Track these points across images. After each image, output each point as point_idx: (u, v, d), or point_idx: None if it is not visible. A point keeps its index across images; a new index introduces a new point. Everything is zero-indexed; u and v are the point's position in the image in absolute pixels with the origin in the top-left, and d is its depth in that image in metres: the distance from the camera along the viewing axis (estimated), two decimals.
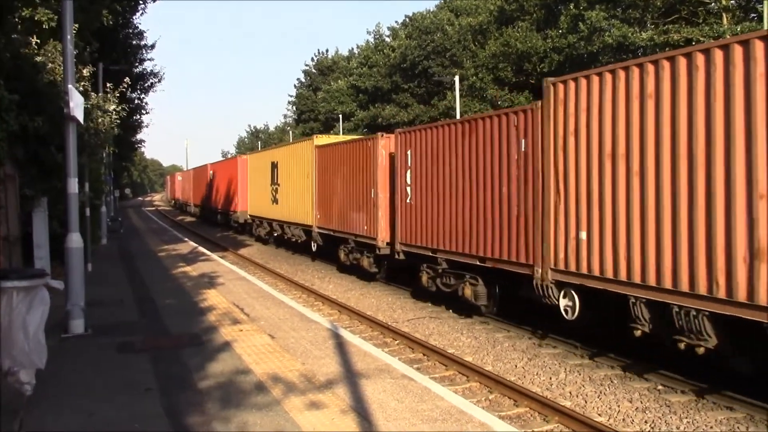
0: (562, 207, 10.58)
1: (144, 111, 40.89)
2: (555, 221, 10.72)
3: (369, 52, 62.99)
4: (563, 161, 10.55)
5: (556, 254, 10.70)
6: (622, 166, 9.39)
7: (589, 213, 10.04)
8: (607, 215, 9.67)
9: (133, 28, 32.10)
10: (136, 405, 7.04)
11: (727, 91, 7.92)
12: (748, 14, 29.15)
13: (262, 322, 11.51)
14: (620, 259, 9.41)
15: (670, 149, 8.65)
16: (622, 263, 9.39)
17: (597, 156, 9.86)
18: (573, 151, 10.35)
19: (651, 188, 8.95)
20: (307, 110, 76.21)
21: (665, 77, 8.73)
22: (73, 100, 10.26)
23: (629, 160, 9.28)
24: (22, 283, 6.63)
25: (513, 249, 11.86)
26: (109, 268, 19.58)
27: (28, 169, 13.76)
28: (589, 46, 31.66)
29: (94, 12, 14.73)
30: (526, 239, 11.49)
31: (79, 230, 10.77)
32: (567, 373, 10.19)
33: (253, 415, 6.71)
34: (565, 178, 10.51)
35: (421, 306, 15.79)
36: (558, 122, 10.71)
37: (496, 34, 42.83)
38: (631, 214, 9.25)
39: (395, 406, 7.03)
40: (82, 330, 10.47)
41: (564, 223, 10.52)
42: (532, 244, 11.31)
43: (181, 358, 9.03)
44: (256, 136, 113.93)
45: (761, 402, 8.47)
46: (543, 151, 11.01)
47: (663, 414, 8.44)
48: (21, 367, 6.65)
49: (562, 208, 10.58)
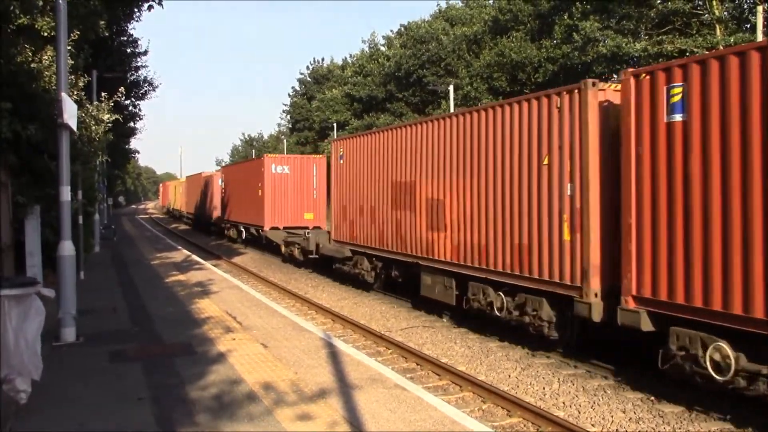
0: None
1: (138, 118, 40.86)
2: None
3: (364, 61, 63.04)
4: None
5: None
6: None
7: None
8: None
9: (127, 36, 32.06)
10: (128, 415, 6.99)
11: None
12: (741, 26, 29.31)
13: (255, 331, 11.47)
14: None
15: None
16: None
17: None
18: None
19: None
20: (302, 119, 76.11)
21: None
22: (66, 108, 10.24)
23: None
24: (13, 291, 6.59)
25: None
26: (102, 276, 19.51)
27: (20, 177, 13.70)
28: (584, 56, 31.77)
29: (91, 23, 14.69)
30: None
31: (71, 238, 10.73)
32: (560, 384, 10.17)
33: (245, 425, 6.67)
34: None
35: (415, 315, 15.76)
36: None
37: (491, 44, 42.98)
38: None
39: (388, 416, 7.00)
40: (73, 338, 10.42)
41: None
42: None
43: (173, 367, 8.99)
44: (250, 145, 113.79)
45: (755, 412, 8.47)
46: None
47: (656, 425, 8.43)
48: (17, 375, 6.61)
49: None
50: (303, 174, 28.35)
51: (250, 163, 33.06)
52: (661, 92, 8.85)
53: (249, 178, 31.21)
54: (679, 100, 8.60)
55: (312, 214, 28.32)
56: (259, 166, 29.16)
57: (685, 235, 8.50)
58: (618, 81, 10.08)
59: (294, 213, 28.18)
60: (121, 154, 46.99)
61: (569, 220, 10.48)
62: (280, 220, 28.07)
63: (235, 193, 35.21)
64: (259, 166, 28.97)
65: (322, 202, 28.66)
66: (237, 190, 34.55)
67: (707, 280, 8.17)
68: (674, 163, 8.66)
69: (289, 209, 28.16)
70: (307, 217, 28.15)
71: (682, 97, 8.55)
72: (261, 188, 28.38)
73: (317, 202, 28.56)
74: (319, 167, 28.65)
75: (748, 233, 7.72)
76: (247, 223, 31.95)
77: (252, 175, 30.42)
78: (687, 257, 8.47)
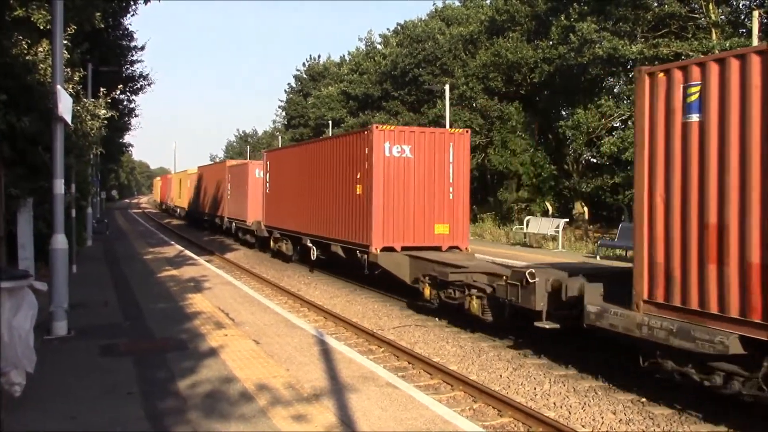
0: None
1: (134, 114, 40.83)
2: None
3: (360, 59, 63.07)
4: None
5: None
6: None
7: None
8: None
9: (123, 30, 31.99)
10: (118, 409, 6.99)
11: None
12: (737, 30, 29.42)
13: (248, 327, 11.47)
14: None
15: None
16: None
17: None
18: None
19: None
20: (297, 116, 76.13)
21: None
22: (61, 100, 10.21)
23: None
24: (5, 284, 6.57)
25: None
26: (94, 270, 19.46)
27: (14, 169, 13.66)
28: (580, 58, 31.83)
29: (87, 14, 14.66)
30: None
31: (64, 231, 10.70)
32: (551, 384, 10.20)
33: (235, 421, 6.67)
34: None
35: (407, 314, 15.78)
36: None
37: (487, 44, 43.02)
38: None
39: (379, 414, 7.01)
40: (65, 332, 10.39)
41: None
42: None
43: (164, 362, 8.98)
44: (245, 141, 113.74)
45: (745, 415, 8.51)
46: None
47: (647, 426, 8.46)
48: (12, 368, 6.59)
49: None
50: (433, 159, 17.53)
51: (335, 142, 20.54)
52: (677, 91, 8.59)
53: (331, 166, 20.23)
54: (695, 100, 8.36)
55: (447, 225, 17.65)
56: (357, 145, 18.25)
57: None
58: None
59: (420, 224, 17.45)
60: (116, 147, 46.87)
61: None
62: (398, 235, 17.23)
63: (293, 189, 24.31)
64: (359, 145, 18.06)
65: (463, 205, 18.00)
66: (299, 183, 23.60)
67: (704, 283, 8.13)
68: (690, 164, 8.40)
69: (413, 217, 17.36)
70: (439, 231, 17.57)
71: (699, 97, 8.31)
72: (362, 182, 17.77)
73: (455, 204, 17.78)
74: (457, 147, 17.82)
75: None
76: (325, 237, 20.62)
77: (340, 161, 19.50)
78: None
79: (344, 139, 19.73)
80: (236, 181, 34.73)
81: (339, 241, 19.43)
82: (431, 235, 17.45)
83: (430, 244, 17.37)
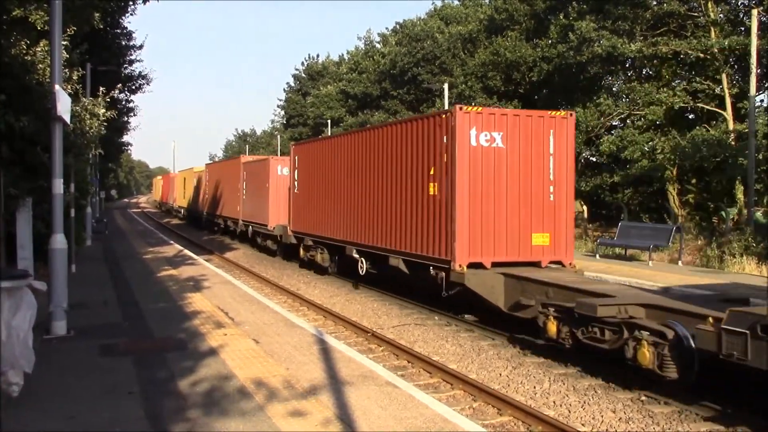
0: None
1: (132, 114, 40.83)
2: None
3: (359, 58, 63.10)
4: None
5: None
6: None
7: None
8: None
9: (121, 29, 31.97)
10: (118, 409, 6.98)
11: None
12: (736, 28, 29.40)
13: (247, 326, 11.46)
14: None
15: None
16: None
17: None
18: None
19: None
20: (296, 115, 76.12)
21: None
22: (60, 100, 10.20)
23: None
24: (4, 284, 6.57)
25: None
26: (94, 269, 19.45)
27: (13, 169, 13.65)
28: (579, 57, 31.81)
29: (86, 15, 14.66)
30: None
31: (63, 231, 10.70)
32: (551, 383, 10.20)
33: (236, 421, 6.67)
34: None
35: (407, 312, 15.77)
36: None
37: (486, 43, 43.02)
38: None
39: (379, 413, 7.01)
40: (64, 332, 10.39)
41: None
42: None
43: (164, 361, 8.98)
44: (244, 140, 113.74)
45: (745, 413, 8.51)
46: None
47: (646, 425, 8.46)
48: (9, 368, 6.59)
49: None
50: (529, 149, 13.92)
51: (396, 130, 16.26)
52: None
53: (391, 160, 16.28)
54: None
55: (547, 235, 14.05)
56: (431, 132, 14.33)
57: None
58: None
59: (514, 233, 13.82)
60: (115, 146, 46.84)
61: None
62: (488, 247, 13.61)
63: (332, 189, 20.28)
64: (434, 132, 14.19)
65: (566, 209, 14.33)
66: (341, 182, 19.60)
67: None
68: None
69: (506, 225, 13.79)
70: (537, 242, 13.98)
71: None
72: (438, 179, 13.99)
73: (556, 208, 14.14)
74: (559, 135, 14.15)
75: None
76: (379, 248, 16.78)
77: (404, 154, 15.52)
78: None
79: (410, 126, 15.47)
80: (254, 180, 30.86)
81: (401, 254, 15.58)
82: (527, 247, 13.89)
83: (526, 259, 13.87)
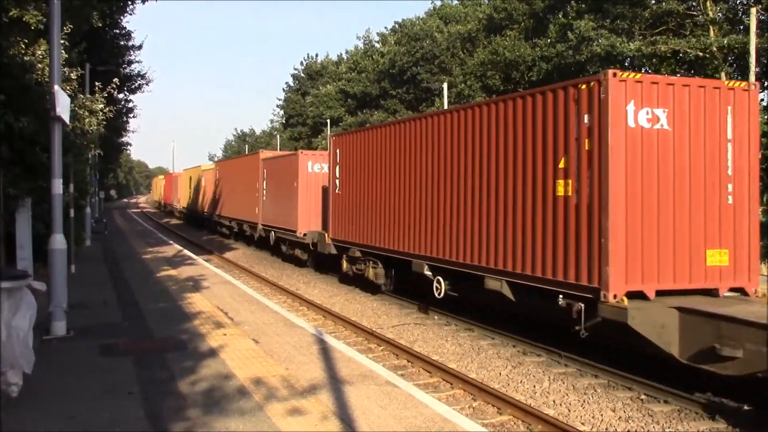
0: None
1: (132, 115, 40.81)
2: None
3: (358, 58, 63.07)
4: None
5: None
6: None
7: None
8: None
9: (120, 29, 31.94)
10: (118, 409, 6.98)
11: None
12: (735, 27, 29.40)
13: (247, 326, 11.46)
14: None
15: None
16: None
17: None
18: None
19: None
20: (296, 114, 76.04)
21: None
22: (59, 100, 10.20)
23: None
24: (4, 284, 6.56)
25: None
26: (93, 269, 19.45)
27: (12, 169, 13.64)
28: (578, 56, 31.81)
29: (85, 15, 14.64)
30: None
31: (63, 231, 10.69)
32: (551, 382, 10.20)
33: (236, 420, 6.67)
34: None
35: (406, 312, 15.77)
36: None
37: (485, 42, 43.03)
38: None
39: (379, 412, 7.01)
40: (64, 332, 10.39)
41: None
42: None
43: (164, 361, 8.98)
44: (244, 140, 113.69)
45: (744, 413, 8.52)
46: None
47: (646, 423, 8.47)
48: (9, 368, 6.59)
49: None
50: (700, 132, 9.94)
51: (502, 108, 11.81)
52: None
53: (489, 149, 12.14)
54: None
55: (726, 252, 10.06)
56: (560, 110, 10.33)
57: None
58: None
59: (683, 249, 9.82)
60: (114, 147, 46.82)
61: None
62: (650, 270, 9.62)
63: (393, 188, 16.06)
64: (566, 110, 10.19)
65: (749, 215, 10.24)
66: (408, 179, 15.32)
67: None
68: None
69: (673, 237, 9.79)
70: (713, 261, 9.99)
71: None
72: (572, 174, 10.10)
73: (737, 214, 10.14)
74: (739, 114, 10.11)
75: None
76: (469, 266, 12.73)
77: (513, 140, 11.47)
78: None
79: (523, 103, 11.29)
80: (277, 178, 26.86)
81: (504, 274, 11.69)
82: (701, 268, 9.98)
83: (698, 285, 9.99)
